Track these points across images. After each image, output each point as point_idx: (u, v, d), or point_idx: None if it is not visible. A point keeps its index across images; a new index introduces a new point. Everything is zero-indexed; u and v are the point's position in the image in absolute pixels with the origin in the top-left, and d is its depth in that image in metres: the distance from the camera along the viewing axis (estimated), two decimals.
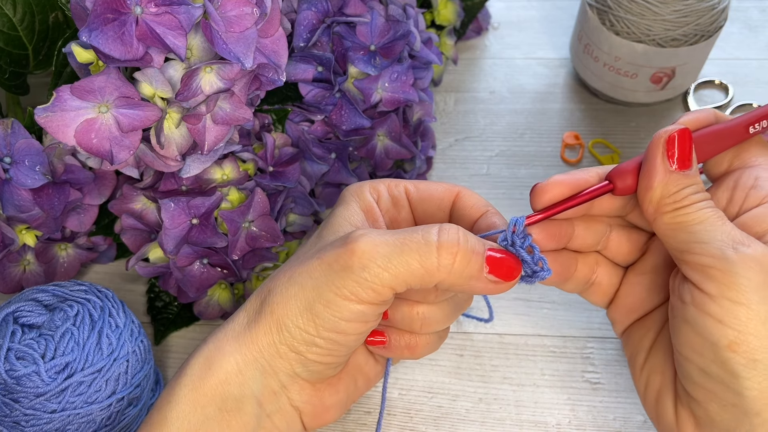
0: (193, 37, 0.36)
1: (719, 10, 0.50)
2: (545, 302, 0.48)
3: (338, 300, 0.30)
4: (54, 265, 0.47)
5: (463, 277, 0.30)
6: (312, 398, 0.33)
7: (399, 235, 0.30)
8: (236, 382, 0.31)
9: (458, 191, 0.35)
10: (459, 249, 0.30)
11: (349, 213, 0.33)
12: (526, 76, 0.62)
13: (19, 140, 0.40)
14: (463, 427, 0.43)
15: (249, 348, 0.31)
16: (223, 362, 0.31)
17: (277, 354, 0.31)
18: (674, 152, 0.30)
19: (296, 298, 0.30)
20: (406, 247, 0.29)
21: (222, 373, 0.31)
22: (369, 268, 0.29)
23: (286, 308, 0.31)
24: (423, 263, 0.29)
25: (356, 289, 0.29)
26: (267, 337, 0.31)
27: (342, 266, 0.29)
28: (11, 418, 0.37)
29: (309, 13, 0.45)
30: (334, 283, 0.30)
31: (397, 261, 0.29)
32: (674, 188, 0.30)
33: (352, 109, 0.46)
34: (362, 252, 0.29)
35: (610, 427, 0.43)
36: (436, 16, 0.58)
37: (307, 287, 0.30)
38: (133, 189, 0.43)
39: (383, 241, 0.30)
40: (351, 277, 0.29)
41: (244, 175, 0.44)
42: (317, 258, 0.31)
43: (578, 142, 0.56)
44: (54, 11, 0.45)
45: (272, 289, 0.32)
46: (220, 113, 0.39)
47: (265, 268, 0.45)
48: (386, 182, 0.35)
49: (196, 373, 0.31)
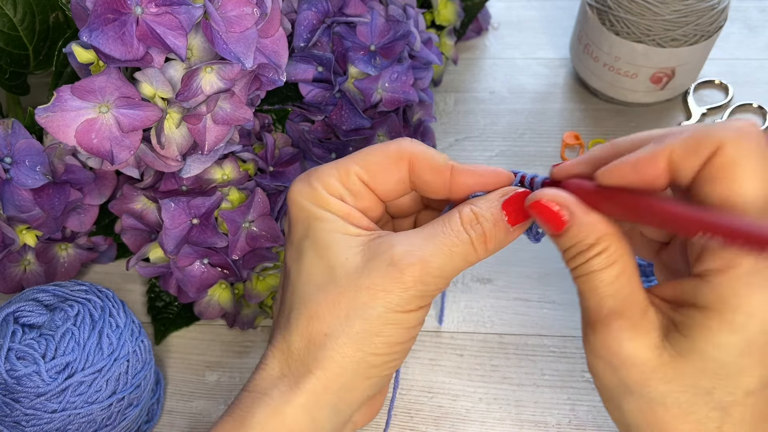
0: (194, 37, 0.36)
1: (719, 10, 0.50)
2: (545, 302, 0.48)
3: (405, 316, 0.30)
4: (54, 265, 0.47)
5: (498, 246, 0.31)
6: (368, 409, 0.34)
7: (434, 239, 0.30)
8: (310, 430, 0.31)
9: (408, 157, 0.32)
10: (486, 234, 0.30)
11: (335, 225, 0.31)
12: (526, 76, 0.62)
13: (20, 140, 0.40)
14: (463, 427, 0.43)
15: (320, 396, 0.30)
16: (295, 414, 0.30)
17: (353, 388, 0.31)
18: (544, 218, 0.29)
19: (364, 332, 0.30)
20: (449, 252, 0.30)
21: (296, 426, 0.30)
22: (426, 281, 0.29)
23: (359, 347, 0.30)
24: (467, 259, 0.30)
25: (418, 301, 0.30)
26: (341, 378, 0.30)
27: (400, 288, 0.29)
28: (12, 418, 0.37)
29: (309, 13, 0.45)
30: (397, 305, 0.29)
31: (448, 266, 0.30)
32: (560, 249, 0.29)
33: (352, 109, 0.46)
34: (414, 270, 0.29)
35: (610, 426, 0.43)
36: (436, 16, 0.58)
37: (372, 319, 0.30)
38: (134, 189, 0.43)
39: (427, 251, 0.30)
40: (411, 293, 0.29)
41: (244, 175, 0.44)
42: (365, 289, 0.30)
43: (578, 142, 0.56)
44: (54, 11, 0.45)
45: (330, 334, 0.30)
46: (221, 113, 0.39)
47: (266, 268, 0.45)
48: (334, 175, 0.32)
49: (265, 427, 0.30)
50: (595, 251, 0.28)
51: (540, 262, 0.50)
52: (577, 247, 0.28)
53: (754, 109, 0.58)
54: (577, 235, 0.28)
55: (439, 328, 0.47)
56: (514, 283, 0.49)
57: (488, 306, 0.48)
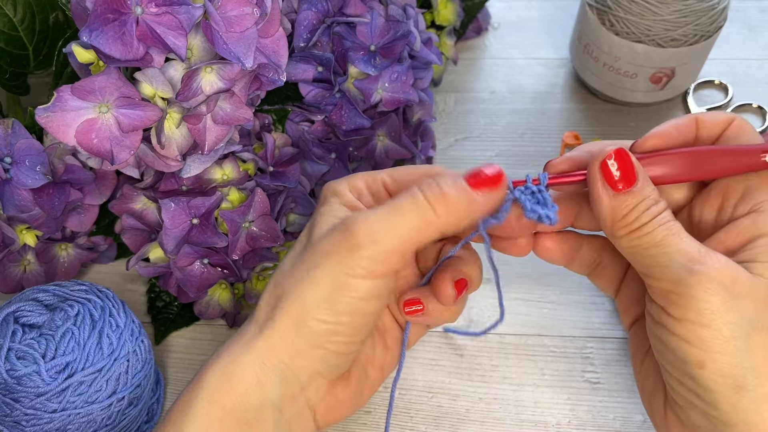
0: (194, 37, 0.36)
1: (719, 10, 0.50)
2: (545, 302, 0.48)
3: (353, 281, 0.30)
4: (54, 265, 0.47)
5: (462, 211, 0.30)
6: (327, 395, 0.33)
7: (389, 205, 0.30)
8: (256, 393, 0.31)
9: (436, 173, 0.34)
10: (444, 193, 0.30)
11: (333, 209, 0.33)
12: (526, 76, 0.62)
13: (20, 140, 0.40)
14: (463, 426, 0.44)
15: (267, 356, 0.31)
16: (242, 374, 0.31)
17: (297, 354, 0.31)
18: (612, 176, 0.29)
19: (311, 291, 0.30)
20: (401, 210, 0.30)
21: (242, 386, 0.30)
22: (377, 239, 0.29)
23: (302, 305, 0.30)
24: (422, 218, 0.30)
25: (368, 264, 0.30)
26: (285, 339, 0.31)
27: (348, 248, 0.30)
28: (12, 418, 0.37)
29: (309, 13, 0.45)
30: (345, 265, 0.30)
31: (398, 224, 0.30)
32: (622, 212, 0.29)
33: (352, 109, 0.46)
34: (364, 228, 0.29)
35: (610, 426, 0.43)
36: (436, 16, 0.58)
37: (320, 279, 0.30)
38: (134, 189, 0.43)
39: (379, 213, 0.30)
40: (362, 254, 0.29)
41: (244, 175, 0.44)
42: (320, 251, 0.31)
43: (578, 142, 0.56)
44: (54, 11, 0.45)
45: (283, 294, 0.31)
46: (221, 113, 0.39)
47: (266, 267, 0.45)
48: (363, 177, 0.35)
49: (213, 386, 0.31)
50: (663, 206, 0.29)
51: (540, 262, 0.50)
52: (648, 201, 0.29)
53: (754, 109, 0.58)
54: (646, 190, 0.29)
55: (439, 328, 0.47)
56: (514, 283, 0.49)
57: (488, 306, 0.48)
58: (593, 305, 0.48)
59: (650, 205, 0.29)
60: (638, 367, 0.34)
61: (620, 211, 0.29)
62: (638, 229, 0.29)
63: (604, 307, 0.48)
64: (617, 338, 0.46)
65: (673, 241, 0.29)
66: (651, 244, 0.29)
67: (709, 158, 0.31)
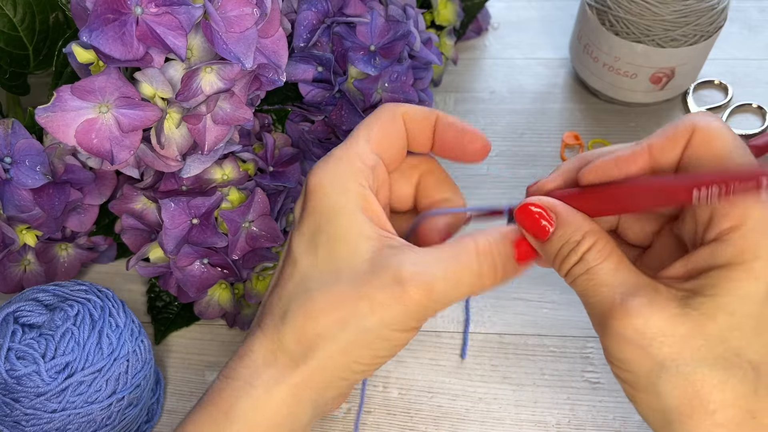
0: (194, 37, 0.36)
1: (719, 10, 0.50)
2: (545, 302, 0.48)
3: (398, 334, 0.30)
4: (54, 265, 0.47)
5: (508, 279, 0.31)
6: (337, 400, 0.34)
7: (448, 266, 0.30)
8: (288, 423, 0.31)
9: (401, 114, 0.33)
10: (498, 267, 0.30)
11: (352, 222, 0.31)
12: (526, 76, 0.62)
13: (20, 140, 0.40)
14: (463, 426, 0.44)
15: (303, 390, 0.31)
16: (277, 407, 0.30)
17: (331, 386, 0.31)
18: (529, 226, 0.30)
19: (354, 344, 0.30)
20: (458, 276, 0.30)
21: (275, 418, 0.31)
22: (428, 307, 0.29)
23: (344, 352, 0.30)
24: (473, 290, 0.30)
25: (415, 323, 0.30)
26: (323, 376, 0.31)
27: (401, 308, 0.29)
28: (11, 418, 0.37)
29: (309, 13, 0.45)
30: (394, 323, 0.29)
31: (453, 296, 0.30)
32: (550, 257, 0.30)
33: (352, 109, 0.46)
34: (420, 296, 0.29)
35: (610, 426, 0.43)
36: (436, 17, 0.58)
37: (364, 332, 0.29)
38: (134, 189, 0.43)
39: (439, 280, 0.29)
40: (411, 316, 0.29)
41: (244, 175, 0.44)
42: (366, 299, 0.29)
43: (578, 142, 0.56)
44: (54, 11, 0.45)
45: (322, 333, 0.30)
46: (221, 113, 0.39)
47: (266, 267, 0.45)
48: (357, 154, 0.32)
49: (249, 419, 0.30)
50: (585, 246, 0.28)
51: None
52: (567, 246, 0.29)
53: (754, 109, 0.58)
54: (564, 234, 0.29)
55: (439, 328, 0.47)
56: (514, 283, 0.49)
57: (488, 306, 0.48)
58: None
59: (570, 248, 0.29)
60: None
61: (548, 258, 0.30)
62: (568, 274, 0.29)
63: None
64: None
65: (595, 287, 0.28)
66: (579, 289, 0.29)
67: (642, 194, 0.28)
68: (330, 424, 0.44)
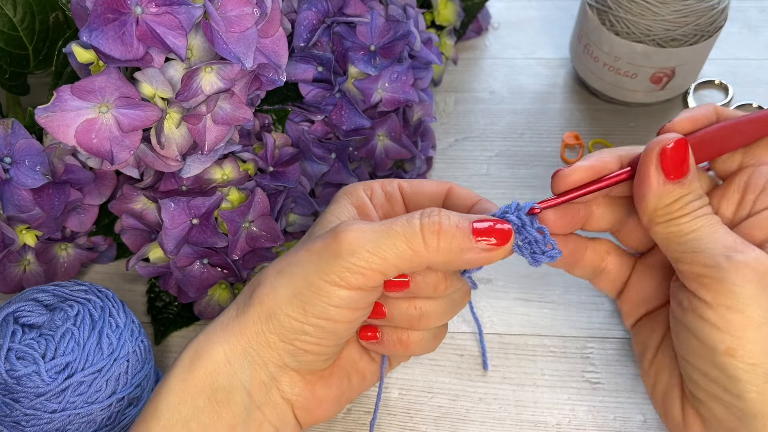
0: (194, 37, 0.36)
1: (719, 10, 0.50)
2: (545, 302, 0.48)
3: (327, 286, 0.30)
4: (54, 265, 0.47)
5: (453, 251, 0.30)
6: (303, 391, 0.33)
7: (384, 223, 0.31)
8: (225, 373, 0.31)
9: (449, 186, 0.35)
10: (441, 227, 0.30)
11: (339, 210, 0.34)
12: (526, 76, 0.62)
13: (20, 140, 0.40)
14: (463, 427, 0.43)
15: (237, 338, 0.31)
16: (211, 353, 0.31)
17: (265, 343, 0.31)
18: (668, 163, 0.30)
19: (285, 287, 0.31)
20: (392, 231, 0.30)
21: (210, 364, 0.31)
22: (357, 253, 0.29)
23: (275, 298, 0.31)
24: (410, 245, 0.30)
25: (345, 275, 0.30)
26: (255, 326, 0.31)
27: (330, 254, 0.30)
28: (11, 418, 0.37)
29: (309, 13, 0.45)
30: (322, 270, 0.30)
31: (384, 245, 0.30)
32: (668, 200, 0.30)
33: (352, 109, 0.46)
34: (350, 238, 0.30)
35: (610, 427, 0.43)
36: (436, 16, 0.58)
37: (296, 276, 0.31)
38: (134, 189, 0.43)
39: (370, 228, 0.30)
40: (340, 263, 0.30)
41: (244, 175, 0.44)
42: (305, 249, 0.31)
43: (578, 142, 0.56)
44: (54, 11, 0.45)
45: (261, 281, 0.32)
46: (221, 113, 0.39)
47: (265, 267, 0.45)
48: (380, 181, 0.36)
49: (186, 365, 0.32)
50: (705, 201, 0.30)
51: None
52: (691, 195, 0.30)
53: (754, 109, 0.58)
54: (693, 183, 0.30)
55: None
56: (514, 283, 0.49)
57: (488, 306, 0.48)
58: (593, 305, 0.48)
59: (694, 198, 0.30)
60: (647, 366, 0.34)
61: (665, 199, 0.30)
62: (678, 218, 0.30)
63: (604, 307, 0.48)
64: (617, 338, 0.46)
65: (710, 230, 0.29)
66: (688, 231, 0.29)
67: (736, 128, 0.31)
68: (330, 424, 0.44)
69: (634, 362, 0.45)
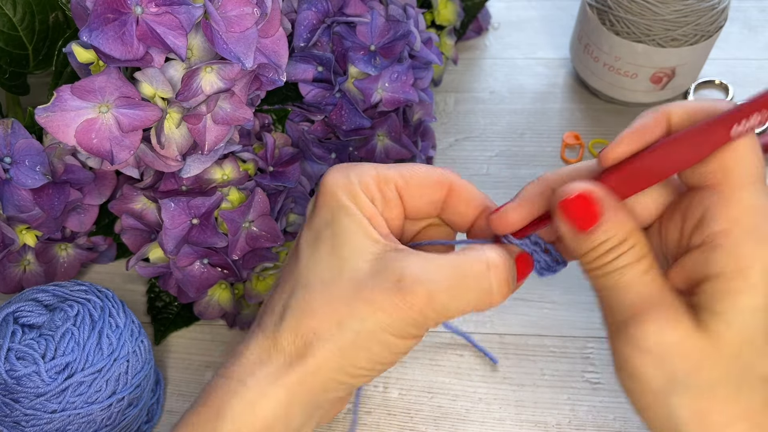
0: (194, 37, 0.36)
1: (719, 10, 0.50)
2: (545, 302, 0.48)
3: (396, 340, 0.29)
4: (54, 265, 0.47)
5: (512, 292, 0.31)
6: (331, 409, 0.34)
7: (453, 272, 0.29)
8: (281, 425, 0.30)
9: (450, 184, 0.33)
10: (507, 283, 0.30)
11: (360, 225, 0.30)
12: (526, 76, 0.62)
13: (20, 140, 0.40)
14: (463, 427, 0.43)
15: (298, 392, 0.30)
16: (270, 407, 0.30)
17: (326, 390, 0.30)
18: (573, 216, 0.28)
19: (351, 345, 0.29)
20: (466, 286, 0.29)
21: (268, 420, 0.30)
22: (430, 316, 0.29)
23: (342, 353, 0.29)
24: (479, 305, 0.30)
25: (414, 331, 0.29)
26: (319, 377, 0.30)
27: (400, 314, 0.29)
28: (11, 418, 0.37)
29: (309, 13, 0.45)
30: (393, 328, 0.29)
31: (456, 306, 0.29)
32: (582, 250, 0.28)
33: (352, 109, 0.46)
34: (422, 301, 0.28)
35: (610, 427, 0.43)
36: (436, 16, 0.58)
37: (363, 334, 0.29)
38: (134, 189, 0.43)
39: (442, 282, 0.29)
40: (411, 323, 0.29)
41: (244, 175, 0.44)
42: (365, 302, 0.29)
43: (578, 142, 0.56)
44: (54, 11, 0.44)
45: (318, 334, 0.29)
46: (221, 113, 0.39)
47: (266, 268, 0.45)
48: (373, 177, 0.32)
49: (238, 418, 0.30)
50: (626, 246, 0.27)
51: None
52: (609, 243, 0.27)
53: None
54: (609, 231, 0.27)
55: (439, 328, 0.47)
56: None
57: None
58: (593, 305, 0.47)
59: (614, 245, 0.27)
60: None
61: (581, 250, 0.28)
62: (598, 269, 0.28)
63: None
64: None
65: (624, 285, 0.27)
66: (604, 287, 0.28)
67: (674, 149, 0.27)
68: (330, 424, 0.44)
69: None
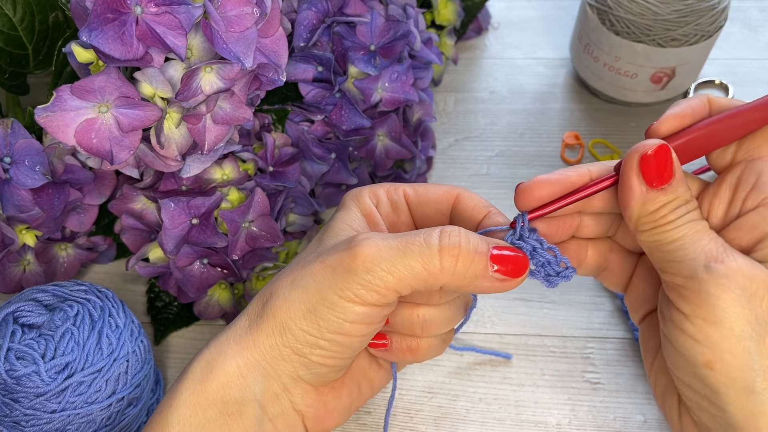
0: (193, 36, 0.36)
1: (719, 10, 0.50)
2: (545, 302, 0.48)
3: (342, 302, 0.30)
4: (54, 265, 0.47)
5: (468, 277, 0.30)
6: (315, 402, 0.33)
7: (401, 239, 0.30)
8: (237, 385, 0.31)
9: (457, 193, 0.34)
10: (461, 250, 0.29)
11: (350, 217, 0.33)
12: (526, 76, 0.62)
13: (19, 140, 0.40)
14: (463, 427, 0.43)
15: (251, 351, 0.31)
16: (224, 365, 0.31)
17: (279, 356, 0.31)
18: (650, 170, 0.29)
19: (299, 300, 0.30)
20: (409, 251, 0.29)
21: (223, 376, 0.31)
22: (373, 271, 0.29)
23: (288, 311, 0.31)
24: (426, 266, 0.29)
25: (360, 292, 0.29)
26: (269, 339, 0.31)
27: (345, 269, 0.29)
28: (11, 418, 0.37)
29: (309, 13, 0.45)
30: (337, 285, 0.30)
31: (400, 264, 0.29)
32: (651, 207, 0.29)
33: (352, 109, 0.46)
34: (366, 255, 0.29)
35: (610, 427, 0.43)
36: (436, 16, 0.58)
37: (310, 290, 0.30)
38: (133, 189, 0.43)
39: (386, 244, 0.30)
40: (355, 279, 0.29)
41: (244, 175, 0.44)
42: (320, 261, 0.31)
43: (578, 142, 0.56)
44: (54, 11, 0.44)
45: (274, 293, 0.31)
46: (220, 113, 0.39)
47: (265, 268, 0.45)
48: (385, 186, 0.35)
49: (197, 377, 0.31)
50: (693, 206, 0.29)
51: None
52: (678, 201, 0.29)
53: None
54: (678, 189, 0.29)
55: None
56: None
57: (488, 306, 0.48)
58: (593, 305, 0.48)
59: (679, 204, 0.29)
60: (650, 364, 0.33)
61: (649, 207, 0.29)
62: (663, 226, 0.29)
63: (604, 307, 0.47)
64: (617, 338, 0.46)
65: (694, 238, 0.28)
66: (672, 239, 0.29)
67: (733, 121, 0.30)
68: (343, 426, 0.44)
69: (634, 362, 0.45)
